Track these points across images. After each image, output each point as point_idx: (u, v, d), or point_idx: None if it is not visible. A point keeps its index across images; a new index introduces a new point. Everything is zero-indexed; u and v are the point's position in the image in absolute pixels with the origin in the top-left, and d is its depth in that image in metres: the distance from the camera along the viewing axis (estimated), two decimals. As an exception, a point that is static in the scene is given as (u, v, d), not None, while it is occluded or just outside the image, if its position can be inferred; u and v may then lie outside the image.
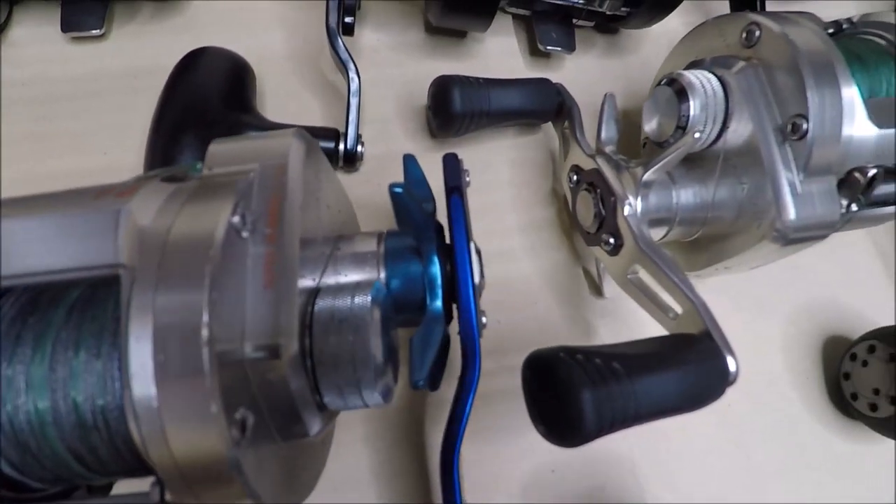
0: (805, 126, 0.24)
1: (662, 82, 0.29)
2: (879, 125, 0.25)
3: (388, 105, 0.38)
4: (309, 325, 0.19)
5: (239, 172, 0.20)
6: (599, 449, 0.26)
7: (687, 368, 0.22)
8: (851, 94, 0.25)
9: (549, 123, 0.38)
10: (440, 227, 0.25)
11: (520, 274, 0.34)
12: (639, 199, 0.28)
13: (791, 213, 0.25)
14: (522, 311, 0.33)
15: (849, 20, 0.31)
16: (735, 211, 0.28)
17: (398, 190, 0.21)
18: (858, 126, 0.25)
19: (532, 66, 0.42)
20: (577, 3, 0.38)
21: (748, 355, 0.36)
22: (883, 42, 0.29)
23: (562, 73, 0.42)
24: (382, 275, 0.24)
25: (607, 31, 0.44)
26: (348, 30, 0.35)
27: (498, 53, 0.42)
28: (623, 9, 0.38)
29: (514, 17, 0.43)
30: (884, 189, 0.29)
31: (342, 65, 0.34)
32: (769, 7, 0.46)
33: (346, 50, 0.34)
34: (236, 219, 0.18)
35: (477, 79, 0.34)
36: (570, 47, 0.40)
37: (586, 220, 0.30)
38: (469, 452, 0.30)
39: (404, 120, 0.38)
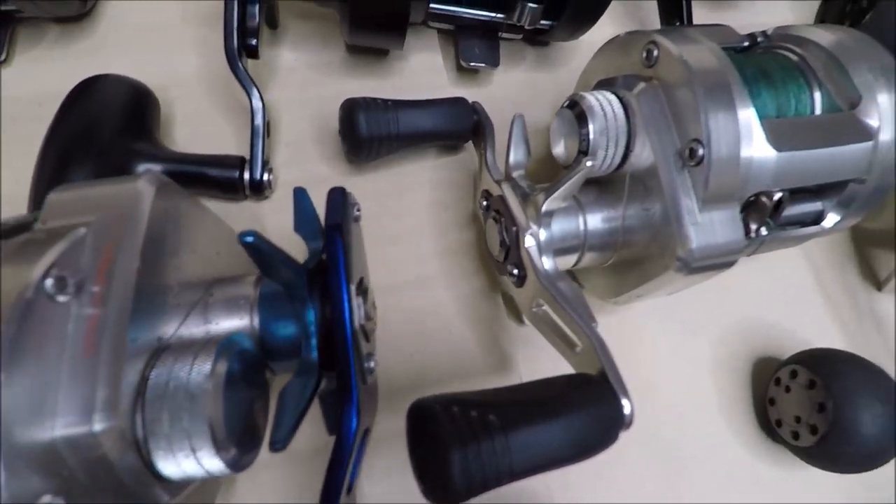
0: (701, 152, 0.23)
1: (564, 104, 0.27)
2: (777, 148, 0.23)
3: (305, 127, 0.37)
4: (143, 392, 0.17)
5: (72, 225, 0.18)
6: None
7: (575, 415, 0.21)
8: (748, 116, 0.23)
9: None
10: (323, 267, 0.24)
11: (436, 302, 0.33)
12: (541, 228, 0.27)
13: (691, 242, 0.24)
14: (437, 341, 0.32)
15: (763, 33, 0.30)
16: (646, 236, 0.26)
17: (249, 239, 0.20)
18: (758, 149, 0.24)
19: (458, 81, 0.41)
20: (496, 18, 0.36)
21: (677, 378, 0.35)
22: (794, 57, 0.28)
23: (489, 88, 0.41)
24: (256, 321, 0.22)
25: (537, 44, 0.43)
26: (252, 52, 0.33)
27: (422, 70, 0.40)
28: (544, 22, 0.36)
29: (439, 31, 0.42)
30: (798, 209, 0.28)
31: (244, 89, 0.32)
32: (702, 14, 0.45)
33: (247, 74, 0.32)
34: (49, 282, 0.16)
35: (385, 101, 0.33)
36: (493, 62, 0.39)
37: (494, 248, 0.29)
38: (378, 492, 0.28)
39: (322, 143, 0.37)
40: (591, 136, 0.26)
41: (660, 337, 0.34)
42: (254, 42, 0.33)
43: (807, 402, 0.28)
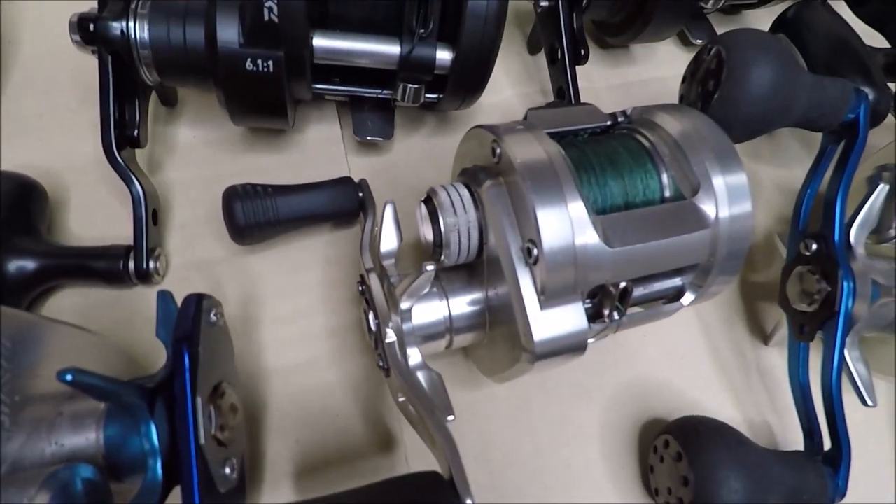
0: (535, 251, 0.24)
1: (423, 199, 0.28)
2: (610, 245, 0.24)
3: (200, 208, 0.37)
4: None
5: None
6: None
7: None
8: (581, 215, 0.24)
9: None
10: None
11: (324, 383, 0.33)
12: (403, 321, 0.27)
13: (532, 336, 0.25)
14: (324, 424, 0.32)
15: (623, 112, 0.31)
16: (506, 319, 0.27)
17: (67, 378, 0.20)
18: (592, 246, 0.24)
19: (358, 151, 0.41)
20: (383, 94, 0.37)
21: (564, 445, 0.36)
22: (646, 142, 0.29)
23: (390, 156, 0.42)
24: (101, 439, 0.23)
25: (436, 109, 0.44)
26: (134, 142, 0.34)
27: (320, 142, 0.41)
28: (430, 96, 0.37)
29: (338, 102, 0.42)
30: (657, 287, 0.29)
31: (124, 181, 0.33)
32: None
33: (126, 166, 0.32)
34: None
35: (265, 188, 0.33)
36: (387, 134, 0.40)
37: (366, 335, 0.30)
38: None
39: (216, 224, 0.37)
40: (443, 230, 0.27)
41: (549, 404, 0.35)
42: (135, 133, 0.34)
43: (675, 473, 0.29)
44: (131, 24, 0.31)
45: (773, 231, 0.41)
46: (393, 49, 0.33)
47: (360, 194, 0.35)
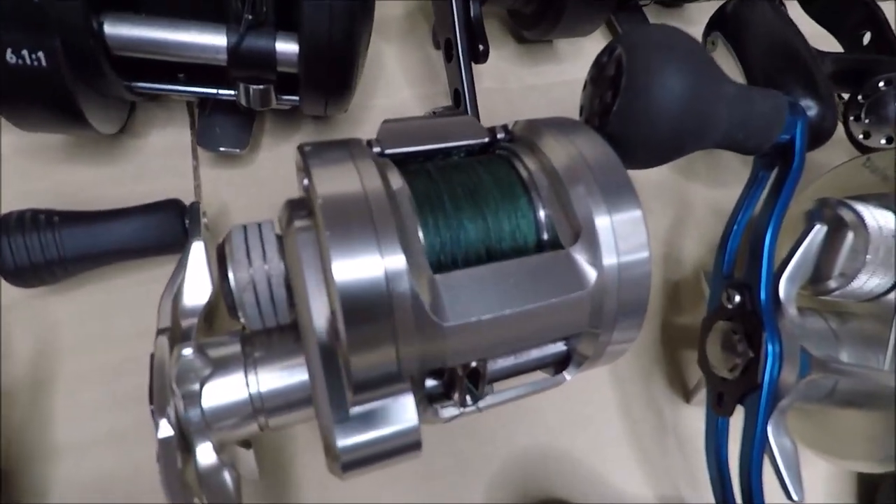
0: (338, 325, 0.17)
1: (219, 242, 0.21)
2: (442, 317, 0.18)
3: None
4: None
5: None
6: None
7: None
8: (399, 271, 0.17)
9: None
10: None
11: (130, 465, 0.26)
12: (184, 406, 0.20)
13: (338, 439, 0.18)
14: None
15: (504, 128, 0.25)
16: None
17: None
18: (419, 316, 0.18)
19: (213, 163, 0.34)
20: (225, 95, 0.30)
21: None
22: (524, 171, 0.22)
23: (252, 170, 0.35)
24: None
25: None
26: None
27: (164, 151, 0.34)
28: (288, 98, 0.30)
29: (190, 103, 0.35)
30: (534, 355, 0.23)
31: None
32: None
33: None
34: None
35: (50, 215, 0.26)
36: (240, 144, 0.32)
37: (157, 416, 0.23)
38: None
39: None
40: (234, 289, 0.20)
41: (426, 482, 0.29)
42: None
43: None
44: None
45: (703, 264, 0.36)
46: (217, 39, 0.26)
47: (188, 222, 0.28)
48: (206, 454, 0.21)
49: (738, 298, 0.26)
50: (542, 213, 0.22)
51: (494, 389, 0.23)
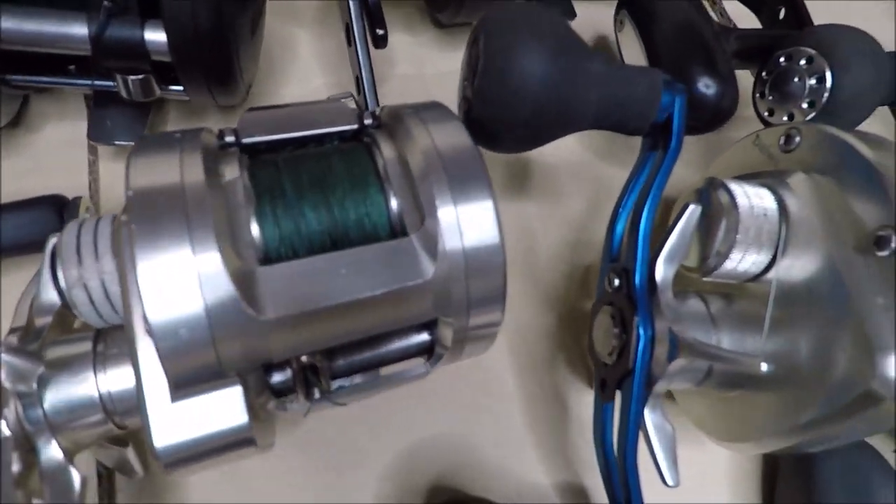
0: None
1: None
2: (260, 310, 0.17)
3: None
4: None
5: None
6: None
7: None
8: (211, 264, 0.17)
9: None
10: None
11: None
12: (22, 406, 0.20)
13: (155, 437, 0.18)
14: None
15: (372, 114, 0.24)
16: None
17: None
18: (233, 310, 0.17)
19: (114, 156, 0.34)
20: (97, 84, 0.29)
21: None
22: (380, 158, 0.22)
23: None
24: None
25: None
26: None
27: (59, 145, 0.33)
28: (174, 88, 0.30)
29: (87, 95, 0.34)
30: (395, 345, 0.23)
31: None
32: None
33: None
34: None
35: None
36: (135, 138, 0.32)
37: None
38: None
39: None
40: (64, 286, 0.19)
41: (316, 476, 0.28)
42: None
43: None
44: None
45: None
46: (79, 29, 0.26)
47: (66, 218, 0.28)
48: (50, 454, 0.20)
49: (617, 282, 0.25)
50: (394, 203, 0.21)
51: (359, 381, 0.23)
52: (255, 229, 0.20)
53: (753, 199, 0.24)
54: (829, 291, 0.22)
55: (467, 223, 0.20)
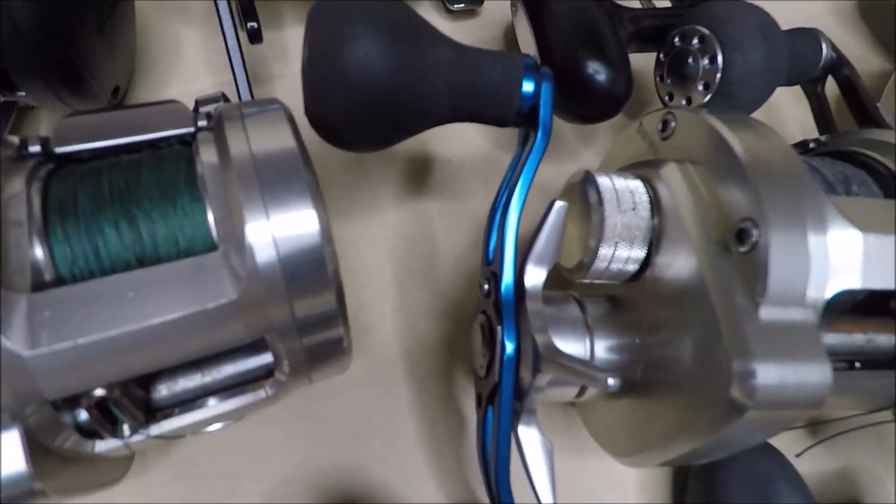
0: None
1: None
2: (27, 344, 0.15)
3: None
4: None
5: None
6: None
7: None
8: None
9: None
10: None
11: None
12: None
13: None
14: None
15: (208, 115, 0.22)
16: None
17: None
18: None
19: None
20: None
21: None
22: (200, 165, 0.20)
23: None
24: None
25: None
26: None
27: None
28: (19, 93, 0.27)
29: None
30: (230, 369, 0.21)
31: None
32: None
33: None
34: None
35: None
36: None
37: None
38: None
39: None
40: None
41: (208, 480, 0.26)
42: None
43: None
44: None
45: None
46: None
47: None
48: None
49: (486, 287, 0.24)
50: (210, 215, 0.19)
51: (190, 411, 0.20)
52: (38, 251, 0.17)
53: (622, 192, 0.22)
54: (695, 292, 0.20)
55: (283, 236, 0.18)
